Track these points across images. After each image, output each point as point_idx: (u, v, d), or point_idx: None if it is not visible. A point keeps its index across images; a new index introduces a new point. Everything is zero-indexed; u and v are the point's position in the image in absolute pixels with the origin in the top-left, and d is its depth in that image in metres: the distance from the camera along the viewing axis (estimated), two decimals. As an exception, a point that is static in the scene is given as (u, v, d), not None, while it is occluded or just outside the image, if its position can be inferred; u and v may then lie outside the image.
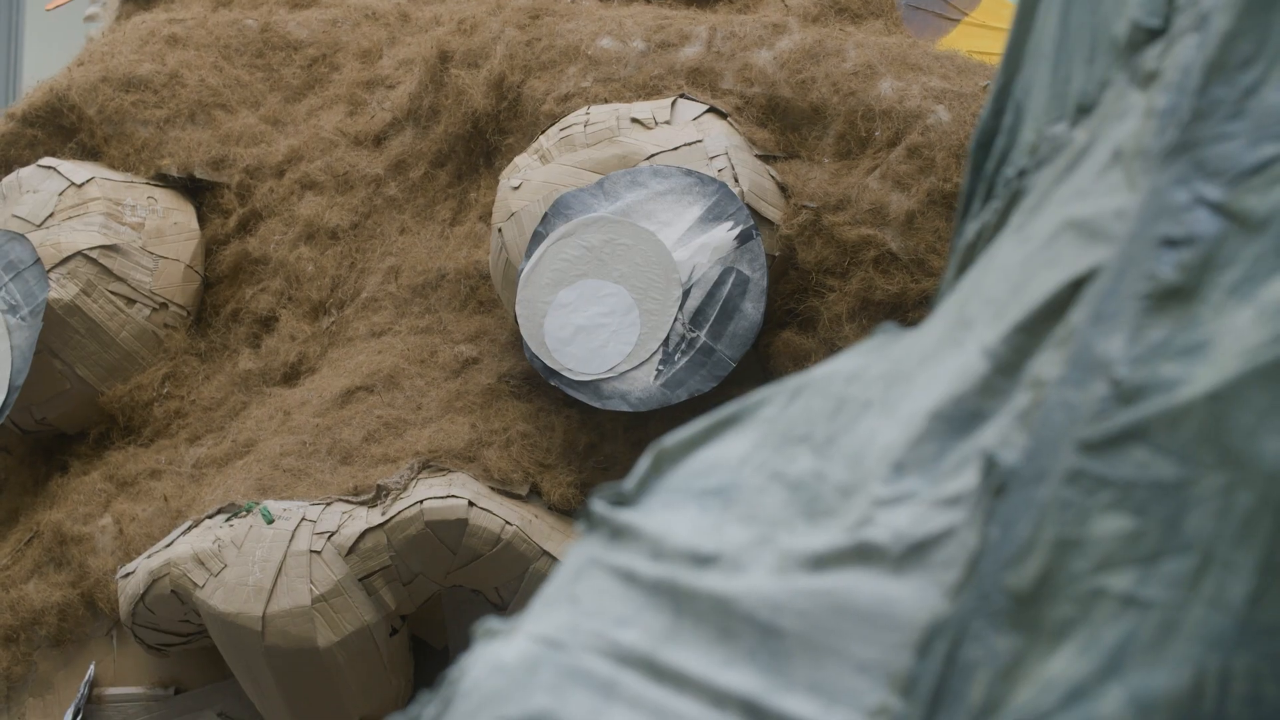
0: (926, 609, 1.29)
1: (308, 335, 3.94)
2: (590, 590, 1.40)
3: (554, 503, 3.49)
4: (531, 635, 1.38)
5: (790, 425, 1.50)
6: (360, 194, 4.04)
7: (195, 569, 3.43)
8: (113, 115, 4.21)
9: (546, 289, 3.48)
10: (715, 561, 1.38)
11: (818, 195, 3.54)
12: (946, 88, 3.59)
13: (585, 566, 1.42)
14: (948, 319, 1.52)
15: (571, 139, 3.62)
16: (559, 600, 1.41)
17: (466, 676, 1.37)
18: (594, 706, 1.33)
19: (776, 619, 1.33)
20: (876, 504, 1.36)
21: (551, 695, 1.33)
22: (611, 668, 1.34)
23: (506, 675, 1.36)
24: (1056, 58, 1.63)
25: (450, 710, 1.35)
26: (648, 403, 3.43)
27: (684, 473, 1.48)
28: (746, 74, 3.67)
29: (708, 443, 1.50)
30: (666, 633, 1.36)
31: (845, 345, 3.42)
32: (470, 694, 1.35)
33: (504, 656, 1.37)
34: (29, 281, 3.94)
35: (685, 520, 1.43)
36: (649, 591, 1.38)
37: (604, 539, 1.43)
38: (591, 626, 1.37)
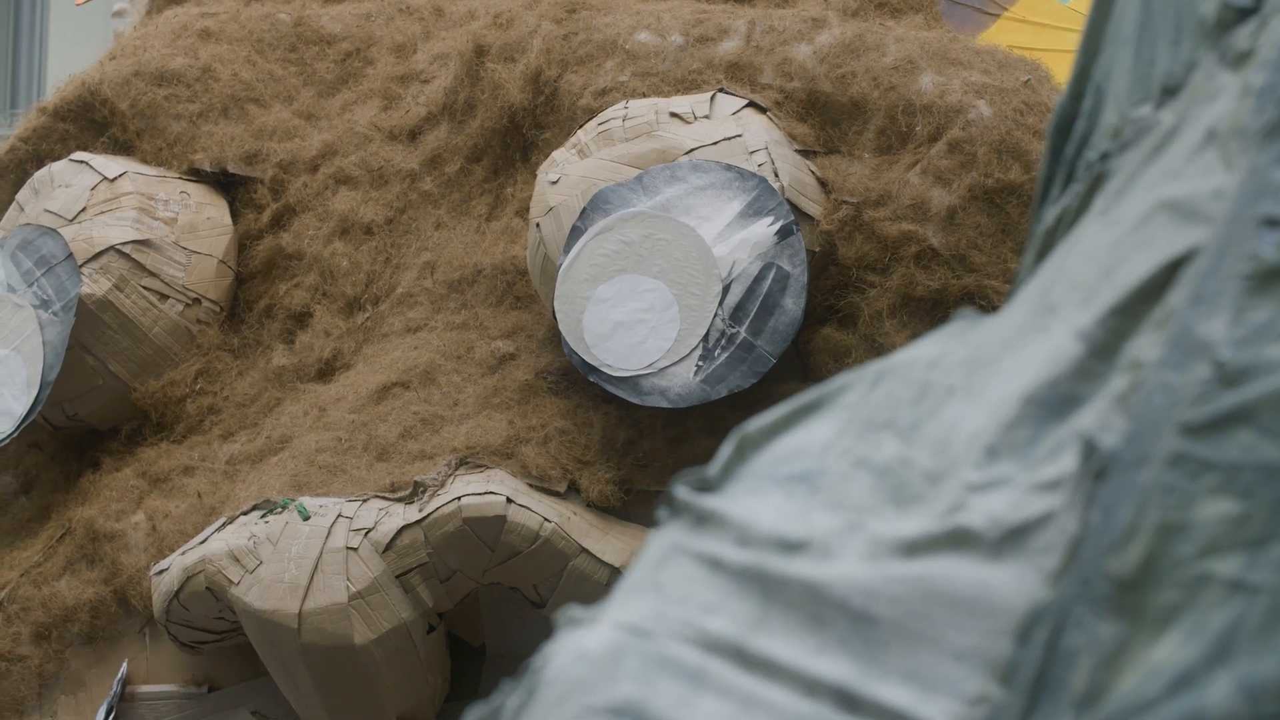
0: (1025, 595, 1.26)
1: (342, 331, 3.91)
2: (675, 577, 1.37)
3: (592, 499, 3.46)
4: (616, 623, 1.35)
5: (873, 411, 1.48)
6: (395, 189, 4.02)
7: (230, 566, 3.40)
8: (145, 109, 4.19)
9: (585, 284, 3.45)
10: (804, 548, 1.35)
11: (858, 190, 3.51)
12: (987, 83, 3.56)
13: (669, 553, 1.40)
14: (1030, 304, 1.50)
15: (610, 133, 3.59)
16: (643, 588, 1.38)
17: (550, 665, 1.34)
18: (682, 695, 1.30)
19: (869, 606, 1.30)
20: (969, 489, 1.33)
21: (638, 684, 1.30)
22: (699, 656, 1.32)
23: (591, 664, 1.33)
24: (1139, 40, 1.60)
25: (534, 699, 1.33)
26: (687, 399, 3.40)
27: (767, 459, 1.45)
28: (786, 68, 3.64)
29: (790, 429, 1.47)
30: (755, 620, 1.33)
31: (886, 341, 3.40)
32: (555, 683, 1.32)
33: (588, 645, 1.34)
34: (61, 276, 3.91)
35: (771, 506, 1.40)
36: (736, 578, 1.36)
37: (688, 525, 1.40)
38: (678, 614, 1.34)
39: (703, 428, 3.49)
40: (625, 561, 3.37)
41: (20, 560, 3.94)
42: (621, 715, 1.30)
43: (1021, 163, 3.47)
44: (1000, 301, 3.42)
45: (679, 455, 3.48)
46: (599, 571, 3.36)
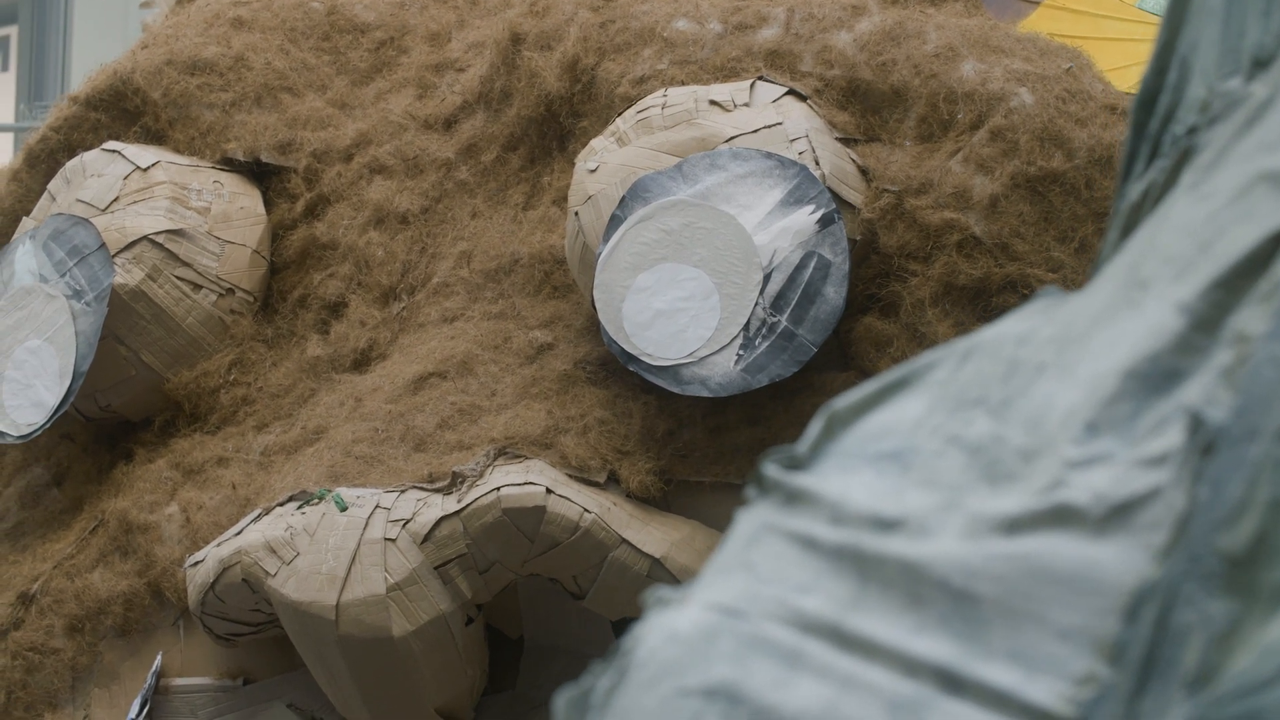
0: (1132, 573, 1.23)
1: (378, 321, 3.88)
2: (767, 556, 1.35)
3: (632, 490, 3.43)
4: (707, 604, 1.32)
5: (963, 389, 1.45)
6: (430, 178, 3.99)
7: (267, 557, 3.38)
8: (178, 99, 4.16)
9: (625, 273, 3.43)
10: (900, 526, 1.32)
11: (899, 179, 3.49)
12: (1029, 70, 3.53)
13: (759, 532, 1.37)
14: (1118, 280, 1.47)
15: (649, 121, 3.57)
16: (733, 567, 1.35)
17: (640, 646, 1.31)
18: (778, 676, 1.27)
19: (970, 584, 1.27)
20: (1069, 466, 1.31)
21: (733, 665, 1.28)
22: (795, 636, 1.29)
23: (683, 645, 1.30)
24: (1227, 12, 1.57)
25: (625, 681, 1.30)
26: (728, 388, 3.37)
27: (857, 436, 1.42)
28: (826, 56, 3.62)
29: (879, 406, 1.44)
30: (851, 600, 1.30)
31: (928, 330, 3.37)
32: (646, 664, 1.30)
33: (679, 626, 1.31)
34: (94, 266, 3.89)
35: (862, 484, 1.38)
36: (831, 557, 1.33)
37: (778, 504, 1.38)
38: (771, 594, 1.32)
39: (743, 418, 3.47)
40: (666, 553, 3.34)
41: (53, 552, 3.92)
42: (716, 697, 1.28)
43: (1064, 150, 3.44)
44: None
45: (719, 445, 3.46)
46: (639, 562, 3.34)
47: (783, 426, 3.44)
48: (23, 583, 3.89)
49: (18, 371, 3.92)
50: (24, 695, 3.80)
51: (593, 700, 1.32)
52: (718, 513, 3.45)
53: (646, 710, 1.28)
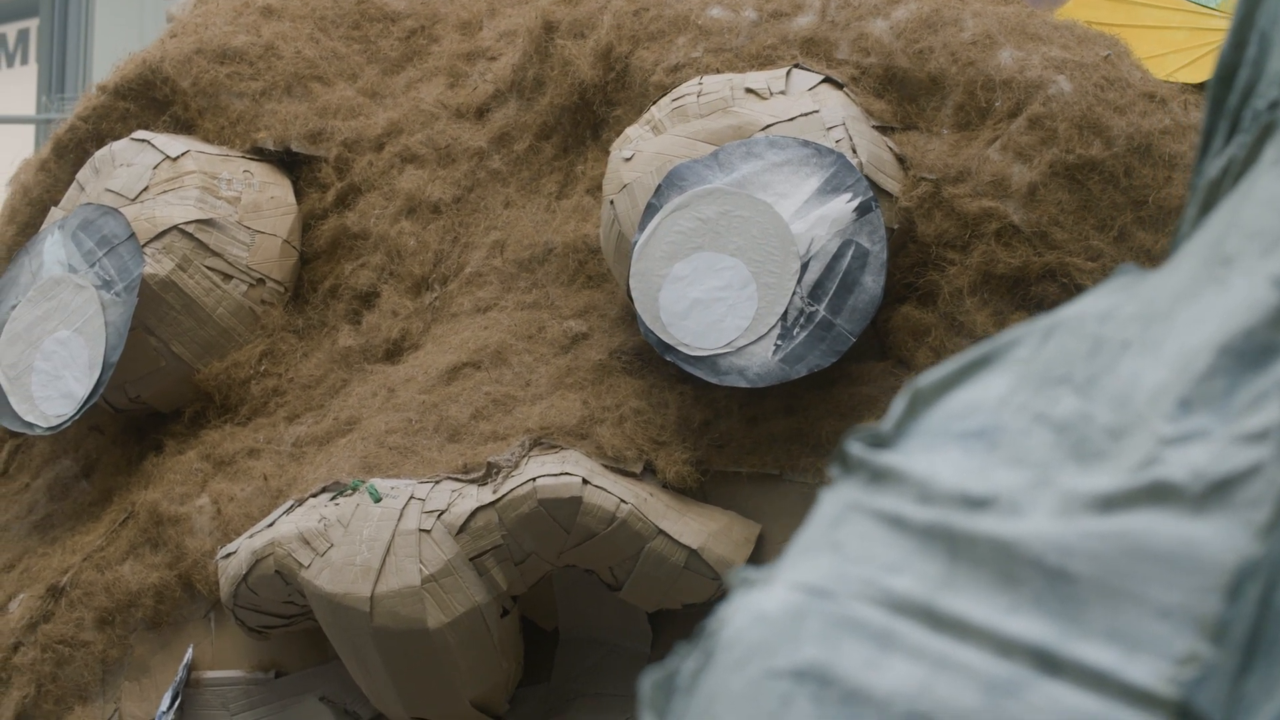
0: (1234, 550, 1.21)
1: (410, 311, 3.86)
2: (854, 536, 1.32)
3: (669, 480, 3.41)
4: (793, 584, 1.30)
5: (1047, 366, 1.42)
6: (463, 167, 3.97)
7: (300, 548, 3.36)
8: (207, 88, 4.14)
9: (661, 262, 3.40)
10: (990, 504, 1.30)
11: (937, 167, 3.46)
12: (1067, 58, 3.51)
13: (845, 512, 1.34)
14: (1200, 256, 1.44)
15: (685, 109, 3.54)
16: (819, 547, 1.33)
17: (727, 627, 1.28)
18: (870, 657, 1.25)
19: (1066, 563, 1.24)
20: (1164, 443, 1.28)
21: (823, 646, 1.25)
22: (886, 616, 1.27)
23: (771, 626, 1.27)
24: (1308, -17, 1.55)
25: (712, 663, 1.27)
26: (766, 378, 3.35)
27: (941, 414, 1.40)
28: (862, 44, 3.59)
29: (962, 384, 1.42)
30: (942, 579, 1.28)
31: (966, 320, 3.35)
32: (733, 646, 1.27)
33: (766, 606, 1.28)
34: (123, 256, 3.86)
35: (949, 462, 1.35)
36: (920, 536, 1.30)
37: (863, 483, 1.35)
38: (860, 574, 1.29)
39: (780, 407, 3.44)
40: (703, 543, 3.32)
41: (82, 544, 3.90)
42: (806, 678, 1.25)
43: (1103, 138, 3.42)
44: (1083, 279, 3.37)
45: (756, 435, 3.43)
46: (676, 553, 3.31)
47: (820, 416, 3.42)
48: (52, 575, 3.87)
49: (46, 363, 3.89)
50: (54, 688, 3.78)
51: (678, 682, 1.30)
52: (755, 503, 3.43)
53: (734, 692, 1.26)
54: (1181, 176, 3.41)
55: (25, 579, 3.92)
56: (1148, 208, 3.38)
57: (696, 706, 1.28)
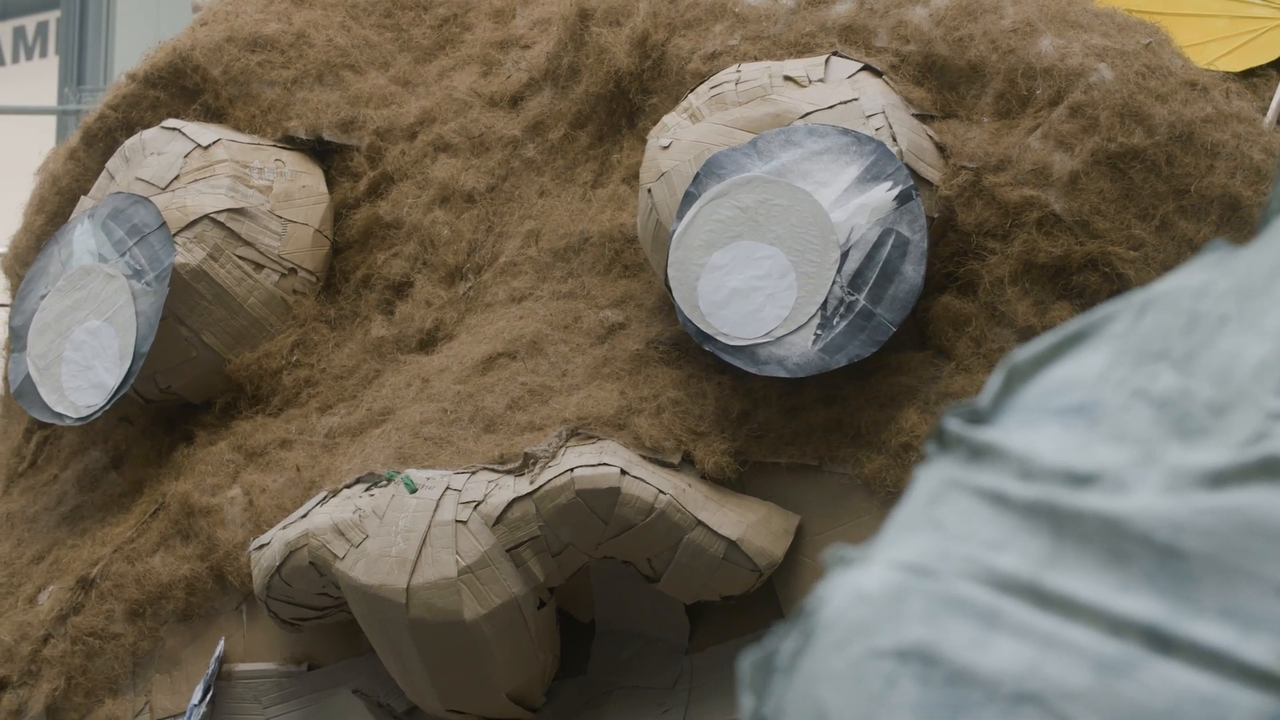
0: (1352, 527, 1.17)
1: (444, 301, 3.83)
2: (954, 513, 1.29)
3: (707, 471, 3.38)
4: (893, 562, 1.27)
5: (1144, 342, 1.39)
6: (497, 156, 3.93)
7: (335, 540, 3.33)
8: (238, 76, 4.10)
9: (699, 251, 3.37)
10: (1095, 481, 1.27)
11: (977, 155, 3.43)
12: (1108, 45, 3.47)
13: (944, 489, 1.31)
14: (1295, 231, 1.42)
15: (723, 97, 3.51)
16: (918, 525, 1.30)
17: (826, 607, 1.25)
18: (975, 636, 1.22)
19: (1177, 540, 1.21)
20: (1273, 418, 1.25)
21: (927, 625, 1.22)
22: (991, 595, 1.23)
23: (872, 605, 1.24)
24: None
25: (812, 643, 1.24)
26: (805, 368, 3.31)
27: (1039, 390, 1.37)
28: (901, 31, 3.56)
29: (1058, 359, 1.39)
30: (1048, 557, 1.24)
31: (1007, 309, 3.32)
32: (833, 625, 1.24)
33: (866, 585, 1.25)
34: (154, 246, 3.83)
35: (1049, 439, 1.32)
36: (1023, 513, 1.27)
37: (962, 459, 1.32)
38: (962, 552, 1.26)
39: (819, 398, 3.41)
40: (742, 535, 3.29)
41: (112, 536, 3.87)
42: (910, 658, 1.22)
43: (1144, 127, 3.39)
44: (1125, 268, 3.34)
45: (795, 426, 3.40)
46: (715, 545, 3.28)
47: (859, 407, 3.39)
48: (82, 567, 3.84)
49: (76, 353, 3.86)
50: (84, 681, 3.75)
51: (777, 663, 1.27)
52: (794, 494, 3.40)
53: (836, 673, 1.23)
54: (1224, 165, 3.37)
55: (55, 571, 3.90)
56: (1190, 196, 3.35)
57: (797, 687, 1.25)
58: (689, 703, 3.40)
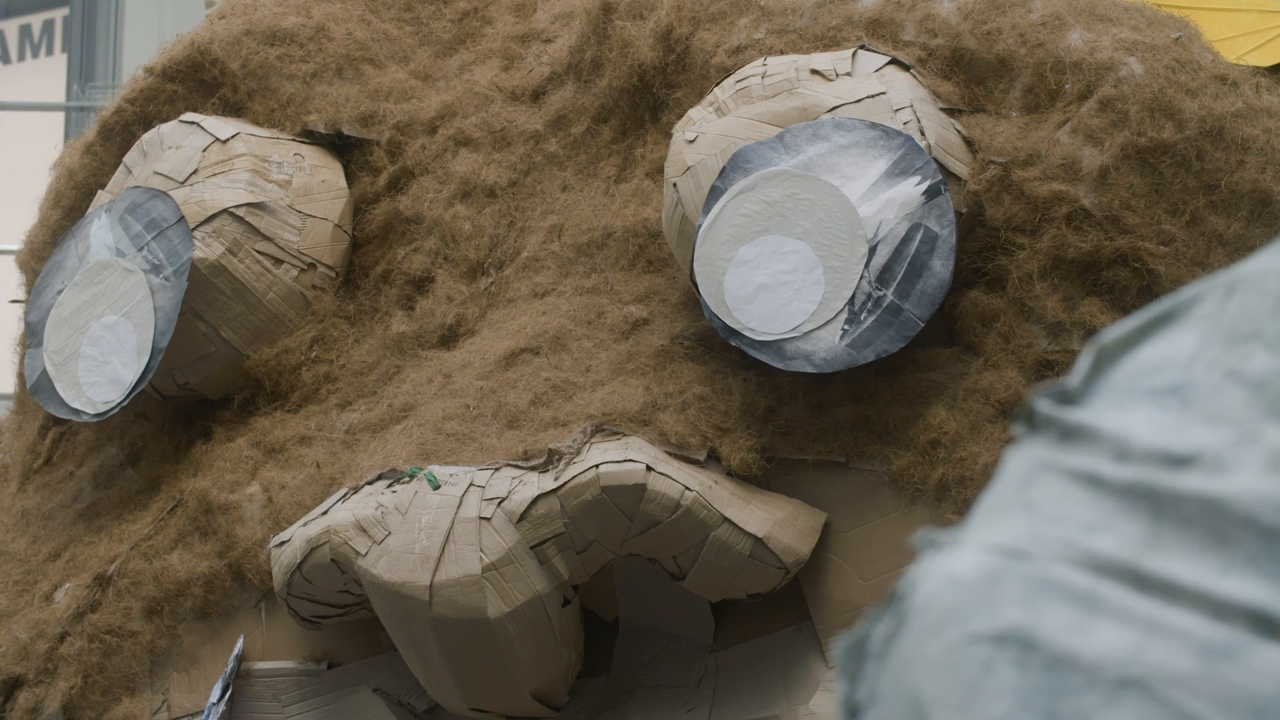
0: None
1: (465, 296, 3.79)
2: (1048, 495, 1.26)
3: (733, 468, 3.34)
4: (986, 546, 1.23)
5: (1233, 322, 1.36)
6: (518, 150, 3.90)
7: (357, 536, 3.29)
8: (257, 70, 4.07)
9: (726, 245, 3.34)
10: (1194, 462, 1.24)
11: (1006, 150, 3.40)
12: (1138, 39, 3.44)
13: (1035, 470, 1.28)
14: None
15: (749, 91, 3.48)
16: (1010, 508, 1.26)
17: (918, 591, 1.22)
18: (1075, 620, 1.18)
19: (1282, 522, 1.18)
20: (1370, 399, 1.22)
21: (1024, 609, 1.19)
22: (1089, 578, 1.20)
23: (966, 589, 1.21)
24: None
25: (905, 628, 1.21)
26: (833, 363, 3.28)
27: (1129, 371, 1.33)
28: (929, 25, 3.53)
29: (1146, 340, 1.36)
30: (1146, 539, 1.21)
31: (1036, 305, 3.29)
32: (927, 610, 1.21)
33: (958, 569, 1.22)
34: (172, 240, 3.80)
35: (1143, 420, 1.29)
36: (1120, 495, 1.24)
37: (1053, 441, 1.29)
38: (1057, 534, 1.23)
39: (845, 394, 3.38)
40: (769, 532, 3.26)
41: (129, 533, 3.84)
42: (1007, 643, 1.19)
43: (1174, 121, 3.35)
44: (1155, 264, 3.32)
45: (821, 422, 3.37)
46: (741, 542, 3.25)
47: (887, 403, 3.36)
48: (99, 564, 3.81)
49: (93, 348, 3.83)
50: (101, 679, 3.71)
51: (870, 648, 1.24)
52: (820, 491, 3.37)
53: (932, 658, 1.19)
54: (1254, 160, 3.35)
55: (71, 568, 3.86)
56: (1220, 191, 3.32)
57: (891, 673, 1.22)
58: (714, 701, 3.37)
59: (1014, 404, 3.29)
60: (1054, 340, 3.33)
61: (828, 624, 3.33)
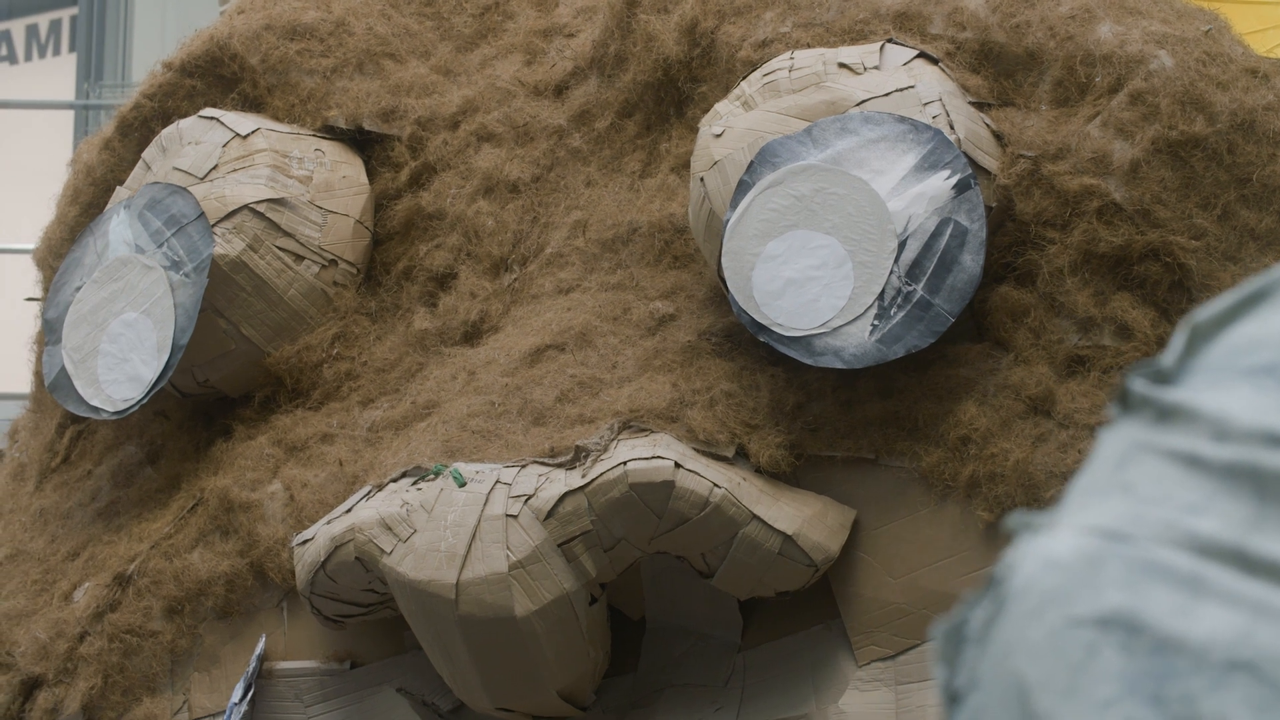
0: None
1: (489, 293, 3.76)
2: (1146, 476, 1.23)
3: (762, 464, 3.31)
4: (1085, 527, 1.20)
5: (1328, 300, 1.33)
6: (542, 146, 3.87)
7: (382, 534, 3.26)
8: (277, 65, 4.04)
9: (754, 240, 3.31)
10: (1297, 442, 1.20)
11: (1035, 143, 3.37)
12: (1168, 32, 3.42)
13: (1131, 451, 1.25)
14: None
15: (776, 84, 3.45)
16: (1107, 489, 1.23)
17: (1016, 575, 1.19)
18: (1180, 603, 1.15)
19: (1392, 503, 1.15)
20: None
21: (1127, 591, 1.16)
22: (1192, 560, 1.17)
23: (1066, 572, 1.18)
24: None
25: (1005, 612, 1.18)
26: (863, 359, 3.25)
27: (1224, 350, 1.30)
28: (957, 18, 3.50)
29: (1241, 319, 1.33)
30: (1252, 520, 1.18)
31: (1067, 300, 3.27)
32: (1026, 593, 1.18)
33: (1057, 551, 1.19)
34: (192, 237, 3.76)
35: (1241, 399, 1.26)
36: (1221, 476, 1.21)
37: (1149, 421, 1.26)
38: (1158, 516, 1.20)
39: (874, 390, 3.35)
40: (798, 529, 3.23)
41: (149, 532, 3.80)
42: (1111, 626, 1.16)
43: (1205, 115, 3.33)
44: (1186, 258, 3.29)
45: (850, 419, 3.34)
46: (771, 539, 3.22)
47: (916, 399, 3.33)
48: (119, 563, 3.77)
49: (113, 345, 3.79)
50: (121, 679, 3.68)
51: (968, 632, 1.21)
52: (849, 488, 3.34)
53: (1034, 643, 1.16)
54: (1286, 153, 3.33)
55: (90, 567, 3.83)
56: (1252, 185, 3.30)
57: (991, 657, 1.19)
58: (742, 701, 3.34)
59: (1044, 400, 3.27)
60: (1085, 335, 3.30)
61: (857, 622, 3.30)
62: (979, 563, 3.24)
